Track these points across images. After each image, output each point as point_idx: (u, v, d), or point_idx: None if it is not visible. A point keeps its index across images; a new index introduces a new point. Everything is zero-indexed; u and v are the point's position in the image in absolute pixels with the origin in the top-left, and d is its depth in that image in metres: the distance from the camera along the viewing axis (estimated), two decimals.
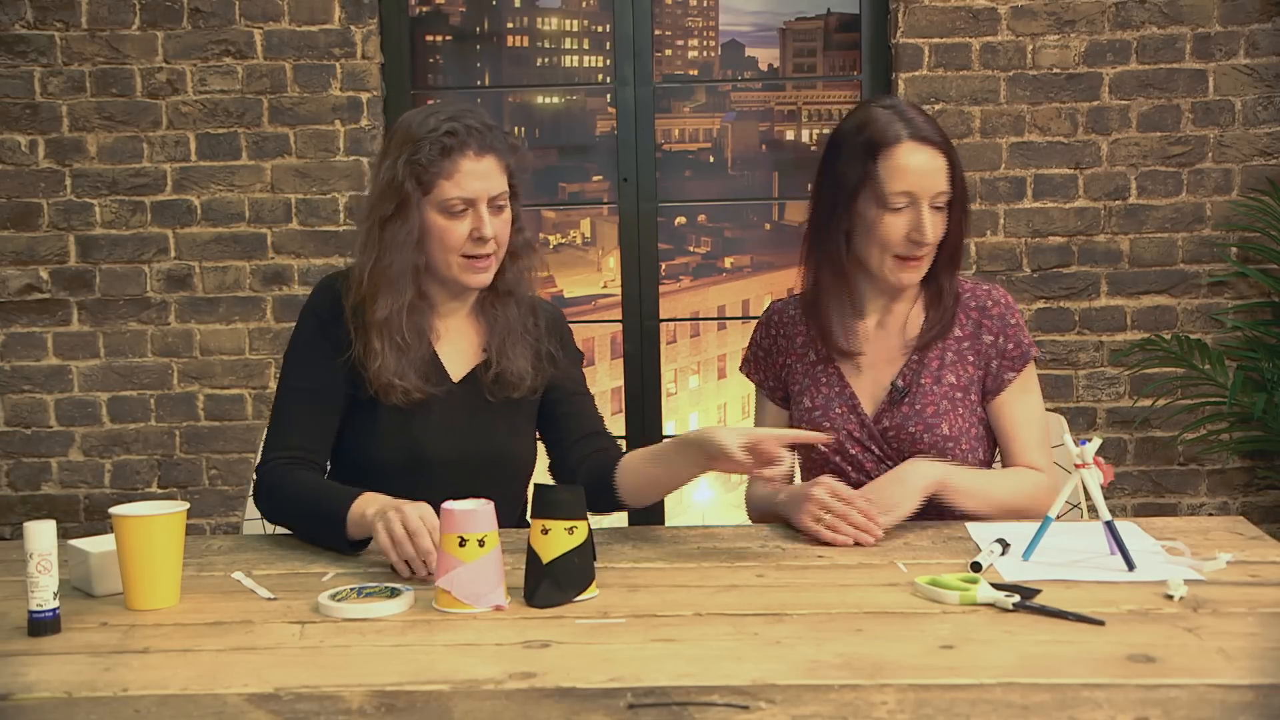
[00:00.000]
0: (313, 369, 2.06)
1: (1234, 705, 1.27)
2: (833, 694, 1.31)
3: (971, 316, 2.12)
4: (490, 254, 2.03)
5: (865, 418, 2.11)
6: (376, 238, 2.02)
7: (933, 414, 2.07)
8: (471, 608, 1.61)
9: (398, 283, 2.01)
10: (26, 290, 3.70)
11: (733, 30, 3.88)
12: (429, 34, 3.89)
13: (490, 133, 2.03)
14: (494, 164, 2.02)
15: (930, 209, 2.03)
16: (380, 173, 2.04)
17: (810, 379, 2.17)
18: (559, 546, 1.65)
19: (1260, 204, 3.52)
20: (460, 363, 2.12)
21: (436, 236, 2.01)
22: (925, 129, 2.04)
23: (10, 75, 3.63)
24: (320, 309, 2.08)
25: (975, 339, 2.11)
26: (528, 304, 2.15)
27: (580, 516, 1.67)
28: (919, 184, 2.02)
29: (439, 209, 2.00)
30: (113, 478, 3.74)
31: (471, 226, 2.00)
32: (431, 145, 1.99)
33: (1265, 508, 3.62)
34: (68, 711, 1.33)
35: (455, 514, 1.62)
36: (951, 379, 2.10)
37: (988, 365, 2.11)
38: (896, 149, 2.02)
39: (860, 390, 2.13)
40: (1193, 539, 1.88)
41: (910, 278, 2.07)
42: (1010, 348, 2.10)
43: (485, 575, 1.62)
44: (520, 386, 2.10)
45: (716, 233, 4.01)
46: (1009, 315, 2.12)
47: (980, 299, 2.13)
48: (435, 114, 2.03)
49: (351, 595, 1.64)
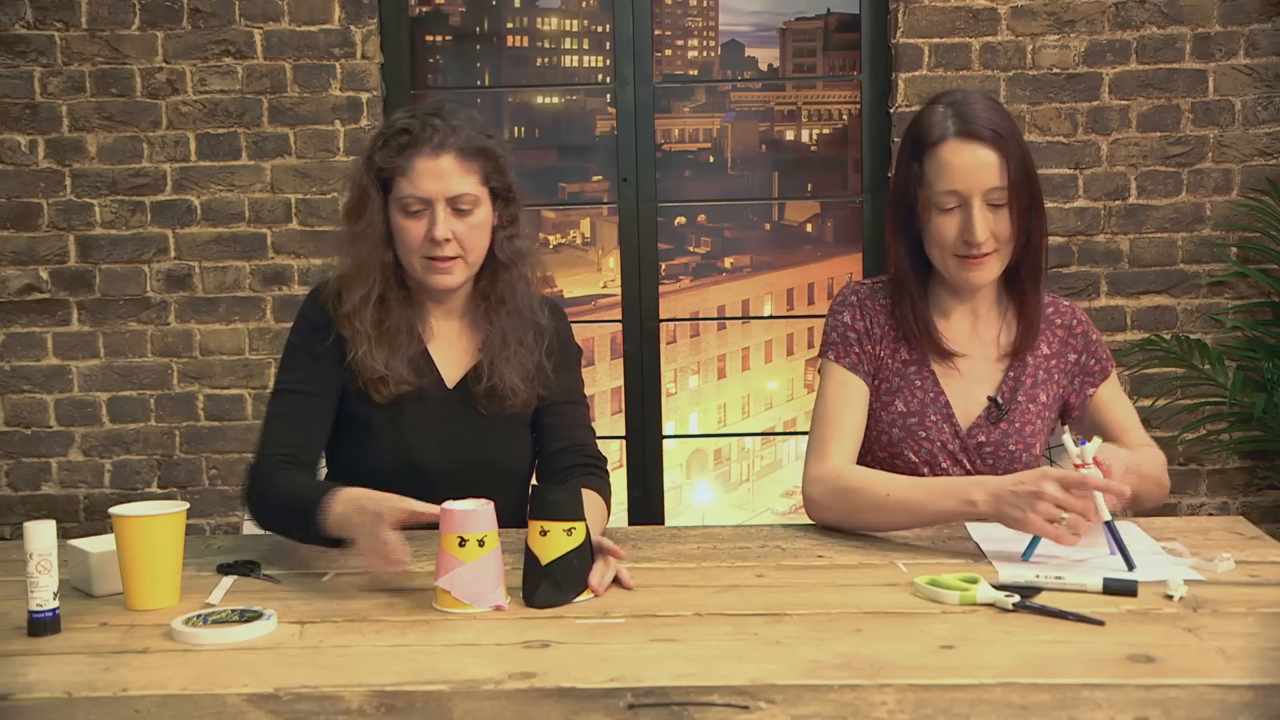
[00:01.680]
0: (303, 370, 2.06)
1: (1234, 705, 1.27)
2: (833, 694, 1.31)
3: (1058, 335, 2.09)
4: (453, 256, 2.01)
5: (960, 430, 2.04)
6: (345, 235, 2.06)
7: (1031, 433, 2.05)
8: (471, 608, 1.61)
9: (362, 276, 2.03)
10: (26, 290, 3.70)
11: (733, 30, 3.88)
12: (429, 34, 3.89)
13: (453, 133, 1.99)
14: (453, 163, 1.99)
15: (985, 206, 1.92)
16: (353, 173, 2.08)
17: (903, 380, 2.06)
18: (558, 548, 1.64)
19: (1260, 204, 3.52)
20: (454, 367, 2.11)
21: (399, 236, 2.02)
22: (976, 123, 1.93)
23: (10, 75, 3.63)
24: (311, 315, 2.09)
25: (1061, 357, 2.09)
26: (527, 316, 2.11)
27: (579, 518, 1.67)
28: (965, 182, 1.92)
29: (398, 208, 2.01)
30: (113, 478, 3.73)
31: (427, 227, 1.99)
32: (388, 143, 2.00)
33: (1265, 508, 3.62)
34: (68, 711, 1.33)
35: (455, 514, 1.61)
36: (1044, 398, 2.07)
37: (1071, 383, 2.09)
38: (941, 147, 1.94)
39: (954, 400, 2.05)
40: (1193, 539, 1.88)
41: (977, 277, 1.97)
42: (1092, 364, 2.09)
43: (485, 575, 1.62)
44: (512, 402, 2.08)
45: (716, 233, 4.01)
46: (1091, 332, 2.11)
47: (1065, 317, 2.10)
48: (404, 112, 2.04)
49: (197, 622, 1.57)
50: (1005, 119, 1.96)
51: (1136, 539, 1.85)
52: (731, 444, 4.39)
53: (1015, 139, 1.95)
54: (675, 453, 4.14)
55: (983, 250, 1.95)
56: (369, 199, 2.02)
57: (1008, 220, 1.94)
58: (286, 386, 2.06)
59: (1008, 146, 1.93)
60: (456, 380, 2.10)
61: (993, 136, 1.92)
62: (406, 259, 2.03)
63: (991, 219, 1.94)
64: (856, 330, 2.08)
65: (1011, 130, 1.95)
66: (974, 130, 1.93)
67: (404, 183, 1.99)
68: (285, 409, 2.04)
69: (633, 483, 3.79)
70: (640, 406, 3.77)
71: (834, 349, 2.08)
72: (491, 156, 2.03)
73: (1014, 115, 3.56)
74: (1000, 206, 1.94)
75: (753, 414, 4.39)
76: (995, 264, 1.98)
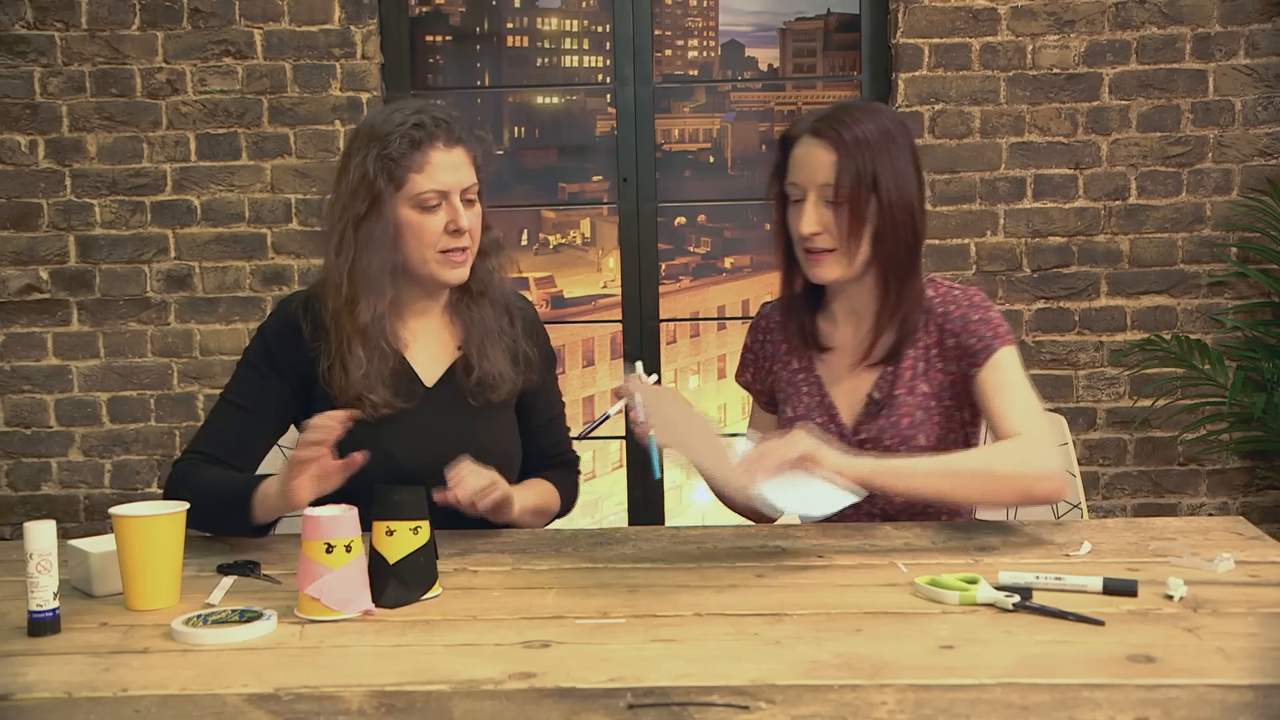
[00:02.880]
0: (249, 386, 2.07)
1: (1234, 705, 1.27)
2: (833, 694, 1.31)
3: (936, 322, 2.07)
4: (466, 247, 2.02)
5: (845, 428, 2.08)
6: (351, 239, 1.98)
7: (908, 426, 2.04)
8: (340, 614, 1.60)
9: (377, 284, 1.99)
10: (26, 290, 3.70)
11: (733, 30, 3.88)
12: (429, 34, 3.89)
13: (457, 124, 2.01)
14: (463, 155, 2.01)
15: (821, 202, 1.98)
16: (348, 173, 2.00)
17: (792, 387, 2.14)
18: (404, 547, 1.65)
19: (1260, 204, 3.52)
20: (432, 367, 2.09)
21: (412, 232, 1.99)
22: (827, 123, 1.98)
23: (10, 75, 3.63)
24: (269, 334, 2.08)
25: (940, 345, 2.06)
26: (502, 303, 2.12)
27: (423, 516, 1.67)
28: (803, 174, 1.99)
29: (412, 204, 1.98)
30: (113, 478, 3.74)
31: (446, 219, 1.99)
32: (400, 139, 1.96)
33: (1265, 508, 3.62)
34: (68, 711, 1.33)
35: (320, 521, 1.60)
36: (925, 388, 2.06)
37: (958, 367, 2.05)
38: (796, 142, 2.02)
39: (839, 400, 2.10)
40: (1193, 539, 1.88)
41: (817, 273, 2.02)
42: (973, 343, 2.02)
43: (352, 581, 1.61)
44: (500, 388, 2.08)
45: (716, 233, 4.00)
46: (971, 313, 2.04)
47: (946, 303, 2.07)
48: (399, 110, 2.01)
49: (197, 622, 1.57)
50: (874, 128, 1.98)
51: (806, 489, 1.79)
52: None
53: (870, 146, 1.97)
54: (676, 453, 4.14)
55: (818, 245, 2.00)
56: (383, 199, 1.97)
57: (846, 219, 1.98)
58: (228, 397, 2.08)
59: (848, 148, 1.97)
60: (436, 379, 2.09)
61: (836, 137, 1.97)
62: (418, 255, 2.00)
63: (828, 216, 1.99)
64: (754, 352, 2.23)
65: (870, 137, 1.97)
66: (820, 129, 1.99)
67: (419, 178, 1.97)
68: (222, 420, 2.06)
69: (633, 483, 3.79)
70: None
71: (739, 373, 2.27)
72: (484, 146, 2.06)
73: (1014, 115, 3.56)
74: (837, 205, 1.98)
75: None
76: (837, 261, 2.01)
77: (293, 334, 2.04)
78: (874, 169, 1.98)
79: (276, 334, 2.07)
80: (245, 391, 2.06)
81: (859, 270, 2.03)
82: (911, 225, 2.02)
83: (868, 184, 1.98)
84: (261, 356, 2.07)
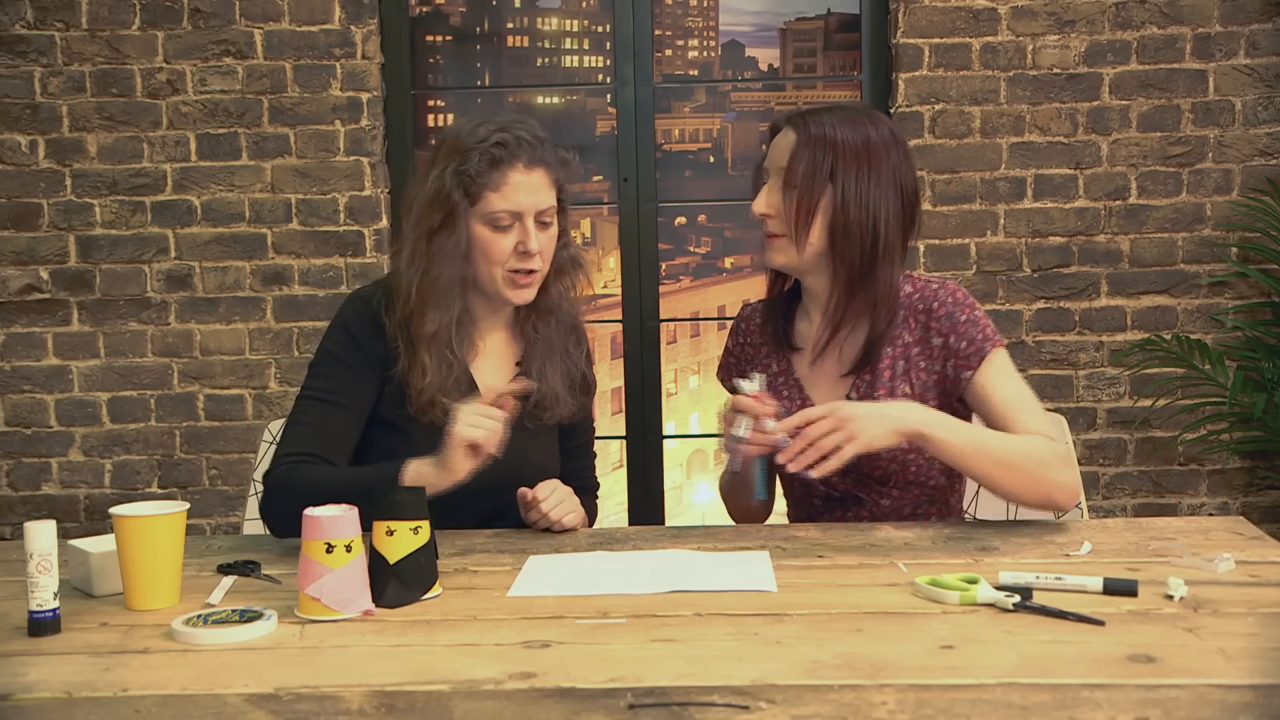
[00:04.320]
0: (336, 379, 2.01)
1: (1234, 705, 1.27)
2: (833, 694, 1.31)
3: (919, 319, 2.04)
4: (535, 270, 2.00)
5: None
6: (424, 250, 1.98)
7: None
8: (340, 614, 1.60)
9: (446, 295, 1.98)
10: (26, 290, 3.70)
11: (733, 30, 3.88)
12: (429, 34, 3.89)
13: (542, 145, 1.99)
14: (543, 178, 1.99)
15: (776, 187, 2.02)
16: (428, 182, 1.99)
17: (773, 391, 2.11)
18: (405, 547, 1.65)
19: (1260, 204, 3.52)
20: (493, 380, 2.07)
21: (482, 250, 1.97)
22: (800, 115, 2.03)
23: (10, 75, 3.63)
24: (352, 325, 2.04)
25: (925, 343, 2.03)
26: (569, 324, 2.11)
27: (423, 516, 1.67)
28: (771, 160, 2.05)
29: (485, 221, 1.97)
30: (113, 478, 3.74)
31: (517, 240, 1.97)
32: (480, 156, 1.95)
33: (1265, 508, 3.62)
34: (68, 711, 1.33)
35: (321, 520, 1.60)
36: (905, 389, 2.03)
37: (944, 368, 2.02)
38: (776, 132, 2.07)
39: (819, 402, 2.07)
40: (1193, 539, 1.88)
41: (769, 257, 2.05)
42: (963, 346, 2.00)
43: (352, 581, 1.61)
44: (555, 411, 2.07)
45: (716, 233, 4.00)
46: (958, 313, 2.01)
47: (927, 300, 2.04)
48: (486, 124, 1.99)
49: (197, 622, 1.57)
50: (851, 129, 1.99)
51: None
52: None
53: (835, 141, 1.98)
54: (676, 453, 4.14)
55: (769, 229, 2.03)
56: (457, 212, 1.96)
57: (794, 204, 1.99)
58: (315, 394, 2.01)
59: (810, 136, 1.99)
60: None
61: (801, 124, 2.01)
62: (487, 272, 1.99)
63: (777, 199, 2.02)
64: (736, 354, 2.21)
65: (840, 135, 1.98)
66: (793, 117, 2.03)
67: (494, 196, 1.96)
68: (312, 416, 2.00)
69: (633, 483, 3.79)
70: (641, 406, 3.77)
71: (720, 372, 2.25)
72: (569, 169, 2.04)
73: (1014, 115, 3.56)
74: (788, 189, 2.00)
75: None
76: (786, 247, 2.03)
77: (375, 327, 2.02)
78: (834, 162, 1.98)
79: (361, 326, 2.03)
80: (334, 387, 2.01)
81: (809, 261, 2.02)
82: (872, 228, 1.98)
83: (824, 173, 1.98)
84: (348, 349, 2.02)
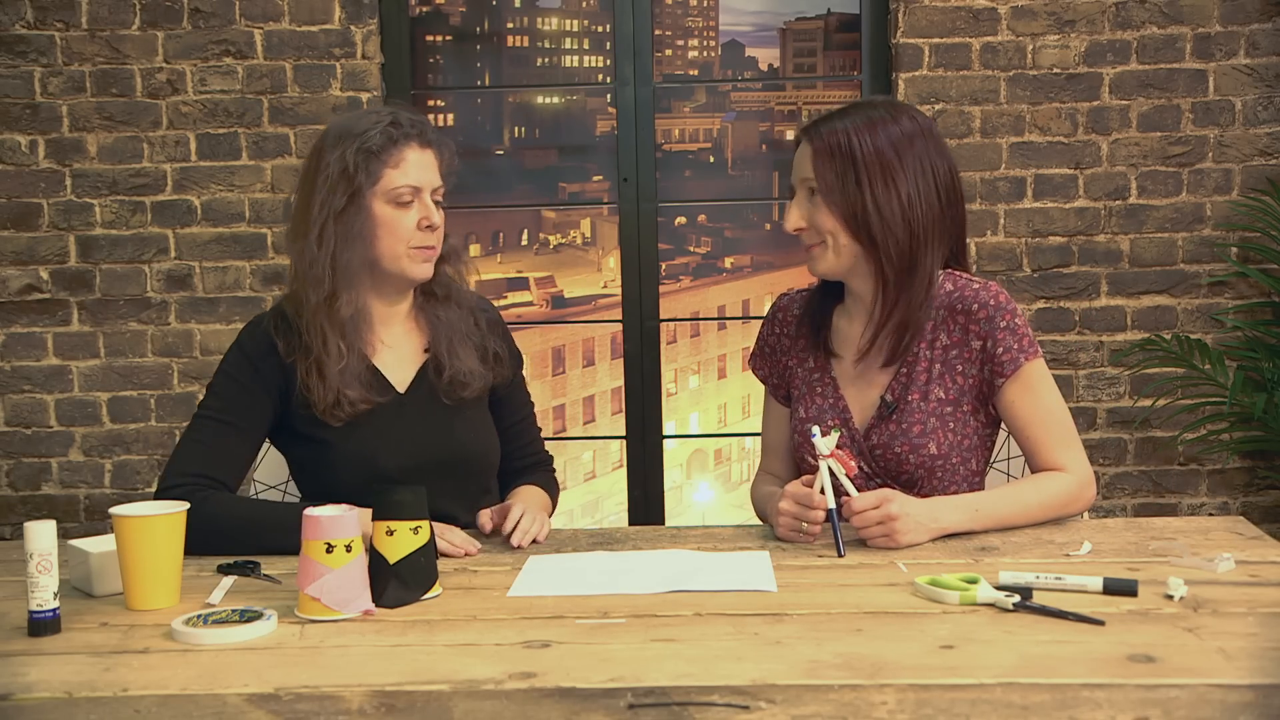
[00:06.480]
0: (231, 399, 2.04)
1: (1234, 705, 1.27)
2: (833, 694, 1.31)
3: (959, 321, 2.02)
4: (433, 246, 2.06)
5: (856, 433, 2.05)
6: (331, 232, 2.01)
7: (919, 434, 2.00)
8: (340, 614, 1.60)
9: (356, 277, 2.02)
10: (26, 290, 3.70)
11: (733, 30, 3.88)
12: (429, 34, 3.88)
13: (429, 129, 2.07)
14: (434, 158, 2.07)
15: (803, 199, 2.03)
16: (325, 168, 2.02)
17: (807, 386, 2.12)
18: (405, 547, 1.65)
19: (1260, 204, 3.52)
20: (402, 371, 2.11)
21: (386, 227, 2.02)
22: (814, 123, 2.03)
23: (10, 75, 3.63)
24: (247, 346, 2.07)
25: (964, 345, 2.02)
26: (466, 306, 2.16)
27: (423, 516, 1.68)
28: (794, 174, 2.05)
29: (387, 198, 2.01)
30: (113, 478, 3.74)
31: (419, 216, 2.02)
32: (380, 134, 2.01)
33: (1265, 508, 3.62)
34: (68, 711, 1.33)
35: (321, 520, 1.60)
36: (940, 393, 2.02)
37: (980, 371, 2.01)
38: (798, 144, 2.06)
39: (853, 403, 2.07)
40: (1193, 539, 1.88)
41: (811, 267, 2.05)
42: (1000, 353, 1.98)
43: (352, 581, 1.61)
44: (472, 384, 2.11)
45: (716, 233, 4.00)
46: (998, 318, 1.99)
47: (967, 300, 2.01)
48: (371, 112, 2.08)
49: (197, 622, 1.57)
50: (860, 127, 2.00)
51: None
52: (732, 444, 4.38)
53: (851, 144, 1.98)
54: (676, 453, 4.14)
55: (804, 240, 2.04)
56: (360, 192, 2.01)
57: (825, 212, 2.00)
58: (209, 414, 2.04)
59: (825, 143, 2.00)
60: (407, 384, 2.11)
61: (815, 132, 2.02)
62: (391, 250, 2.03)
63: (808, 209, 2.02)
64: (770, 344, 2.20)
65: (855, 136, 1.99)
66: (807, 127, 2.04)
67: (394, 173, 2.01)
68: (205, 435, 2.02)
69: (633, 483, 3.79)
70: (640, 406, 3.77)
71: (753, 360, 2.24)
72: (450, 154, 2.11)
73: (1014, 115, 3.56)
74: (814, 199, 2.01)
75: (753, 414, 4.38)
76: (824, 255, 2.02)
77: (269, 349, 2.05)
78: (853, 167, 1.98)
79: (255, 347, 2.06)
80: (229, 407, 2.04)
81: (848, 263, 2.02)
82: (904, 223, 1.99)
83: (845, 179, 1.98)
84: (242, 369, 2.06)
